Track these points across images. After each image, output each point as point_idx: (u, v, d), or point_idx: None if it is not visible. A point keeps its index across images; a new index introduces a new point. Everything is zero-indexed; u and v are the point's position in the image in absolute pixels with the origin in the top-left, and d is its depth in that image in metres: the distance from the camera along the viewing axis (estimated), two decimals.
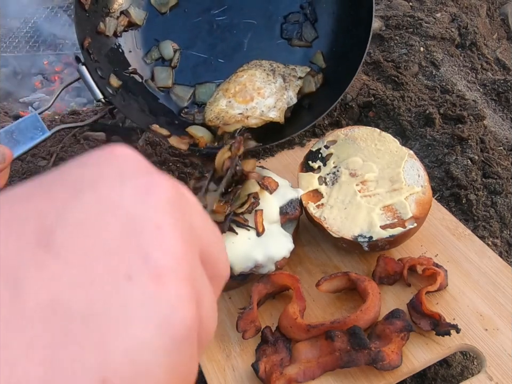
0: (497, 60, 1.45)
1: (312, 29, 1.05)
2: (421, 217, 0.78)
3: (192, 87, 1.03)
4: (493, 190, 0.98)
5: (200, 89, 1.03)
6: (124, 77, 0.99)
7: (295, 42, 1.05)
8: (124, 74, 1.00)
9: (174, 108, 1.03)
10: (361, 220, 0.78)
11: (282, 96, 0.90)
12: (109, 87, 0.93)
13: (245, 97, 0.90)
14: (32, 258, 0.21)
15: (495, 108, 1.29)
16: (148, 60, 1.03)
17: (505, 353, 0.68)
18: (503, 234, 0.93)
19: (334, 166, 0.85)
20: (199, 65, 1.05)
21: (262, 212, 0.76)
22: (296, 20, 1.05)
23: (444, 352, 0.68)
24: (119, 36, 1.02)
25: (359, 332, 0.65)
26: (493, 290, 0.75)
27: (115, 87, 0.95)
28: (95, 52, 0.95)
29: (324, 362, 0.66)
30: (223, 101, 0.92)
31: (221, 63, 1.05)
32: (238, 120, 0.89)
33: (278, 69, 0.92)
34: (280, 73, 0.91)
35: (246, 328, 0.71)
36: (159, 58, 1.04)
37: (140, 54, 1.04)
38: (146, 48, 1.04)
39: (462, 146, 1.06)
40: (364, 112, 1.17)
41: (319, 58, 1.03)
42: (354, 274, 0.74)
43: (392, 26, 1.43)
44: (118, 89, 0.96)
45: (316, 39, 1.05)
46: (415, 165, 0.83)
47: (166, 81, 1.02)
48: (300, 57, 1.05)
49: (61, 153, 1.09)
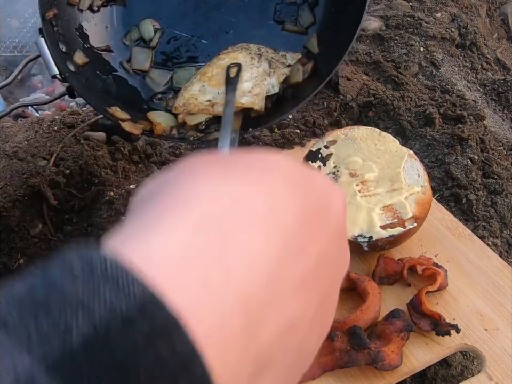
0: (497, 60, 1.45)
1: (310, 13, 0.92)
2: (421, 217, 0.78)
3: (170, 70, 0.93)
4: (493, 190, 0.98)
5: (179, 73, 0.93)
6: (93, 55, 0.89)
7: (288, 27, 0.92)
8: (93, 52, 0.90)
9: (146, 92, 0.92)
10: (361, 219, 0.78)
11: (262, 82, 0.80)
12: (72, 63, 0.85)
13: (219, 80, 0.81)
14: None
15: (495, 107, 1.29)
16: (127, 41, 0.93)
17: (505, 353, 0.68)
18: (503, 234, 0.93)
19: (334, 166, 0.85)
20: (181, 46, 0.95)
21: None
22: (293, 1, 0.93)
23: (444, 352, 0.68)
24: (96, 10, 0.91)
25: (359, 331, 0.65)
26: (493, 290, 0.75)
27: (79, 64, 0.86)
28: (61, 25, 0.85)
29: (324, 362, 0.65)
30: (197, 85, 0.83)
31: (204, 44, 0.94)
32: (203, 109, 0.80)
33: (266, 54, 0.82)
34: (268, 58, 0.81)
35: None
36: (139, 39, 0.94)
37: (118, 31, 0.93)
38: (125, 28, 0.94)
39: (462, 146, 1.06)
40: (363, 112, 1.17)
41: (313, 43, 0.91)
42: (354, 274, 0.74)
43: (392, 26, 1.43)
44: (83, 67, 0.86)
45: (312, 25, 0.92)
46: (415, 165, 0.83)
47: (142, 64, 0.92)
48: (293, 42, 0.92)
49: (61, 153, 1.09)
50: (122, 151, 1.08)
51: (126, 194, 1.00)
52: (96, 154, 1.05)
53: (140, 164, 1.08)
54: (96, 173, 1.02)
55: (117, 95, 0.89)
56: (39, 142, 1.15)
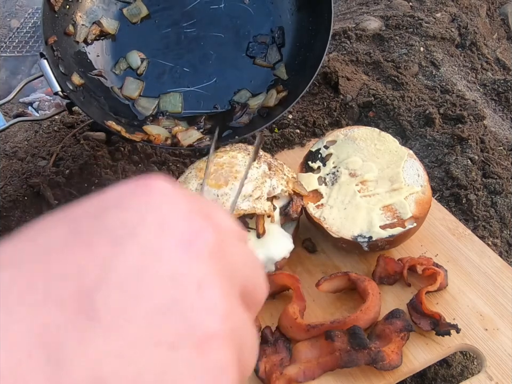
0: (497, 60, 1.45)
1: (277, 52, 1.06)
2: (421, 217, 0.78)
3: (156, 98, 1.03)
4: (493, 190, 0.98)
5: (164, 98, 1.03)
6: (88, 78, 0.99)
7: (259, 61, 1.05)
8: (88, 75, 1.00)
9: (138, 114, 1.03)
10: (361, 220, 0.78)
11: (263, 184, 0.77)
12: (70, 83, 0.93)
13: (218, 180, 0.76)
14: (73, 329, 0.20)
15: (495, 107, 1.29)
16: (116, 71, 1.04)
17: (505, 353, 0.68)
18: (503, 234, 0.93)
19: (333, 166, 0.85)
20: (165, 73, 1.06)
21: (263, 215, 0.76)
22: (264, 41, 1.06)
23: (444, 352, 0.68)
24: (89, 43, 1.02)
25: (359, 331, 0.65)
26: (493, 290, 0.75)
27: (76, 84, 0.95)
28: (60, 51, 0.95)
29: (324, 362, 0.65)
30: (194, 182, 0.79)
31: (187, 72, 1.05)
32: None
33: (265, 157, 0.83)
34: (266, 161, 0.81)
35: None
36: (127, 68, 1.04)
37: (108, 61, 1.04)
38: (114, 59, 1.05)
39: (462, 146, 1.06)
40: (363, 112, 1.17)
41: (282, 72, 1.04)
42: (354, 274, 0.74)
43: (392, 26, 1.43)
44: (80, 87, 0.95)
45: (279, 61, 1.06)
46: (415, 164, 0.83)
47: (132, 93, 1.02)
48: (265, 71, 1.06)
49: (61, 153, 1.09)
50: (122, 151, 1.08)
51: None
52: (96, 154, 1.05)
53: (139, 164, 1.08)
54: (96, 173, 1.02)
55: (112, 112, 0.98)
56: (39, 142, 1.15)
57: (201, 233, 0.24)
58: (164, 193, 0.25)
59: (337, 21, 1.53)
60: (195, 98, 1.04)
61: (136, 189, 0.25)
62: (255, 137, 1.05)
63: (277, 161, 0.84)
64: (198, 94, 1.05)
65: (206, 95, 1.04)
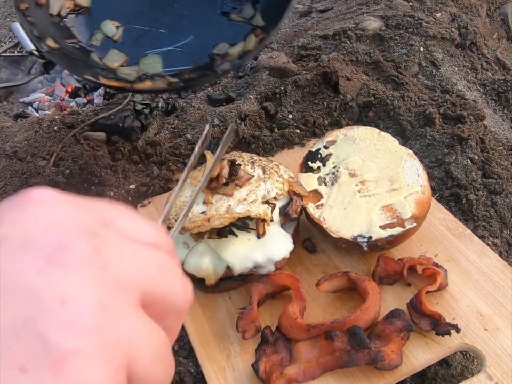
0: (497, 60, 1.45)
1: (252, 8, 1.07)
2: (421, 217, 0.78)
3: (136, 64, 1.02)
4: (493, 190, 0.98)
5: (143, 61, 1.02)
6: (63, 44, 0.98)
7: (234, 17, 1.07)
8: (64, 42, 0.99)
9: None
10: (361, 219, 0.78)
11: (257, 188, 0.77)
12: (45, 45, 0.93)
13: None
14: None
15: (495, 108, 1.29)
16: (94, 42, 1.03)
17: (505, 353, 0.68)
18: (503, 234, 0.93)
19: (333, 166, 0.85)
20: (142, 37, 1.06)
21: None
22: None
23: (444, 352, 0.68)
24: (64, 17, 1.02)
25: (359, 331, 0.65)
26: (493, 290, 0.75)
27: (52, 48, 0.94)
28: (33, 17, 0.95)
29: (324, 362, 0.65)
30: (188, 191, 0.78)
31: (163, 33, 1.06)
32: (198, 226, 0.73)
33: (259, 162, 0.82)
34: (261, 165, 0.81)
35: (246, 328, 0.71)
36: (104, 38, 1.04)
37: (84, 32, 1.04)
38: (90, 31, 1.04)
39: (462, 146, 1.06)
40: (364, 112, 1.17)
41: (258, 19, 1.05)
42: (354, 274, 0.74)
43: (392, 26, 1.43)
44: (55, 50, 0.95)
45: (253, 16, 1.06)
46: (415, 164, 0.83)
47: (112, 63, 1.01)
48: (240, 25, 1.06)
49: (61, 153, 1.09)
50: (122, 151, 1.08)
51: (126, 194, 1.00)
52: (96, 154, 1.05)
53: (139, 164, 1.08)
54: (96, 173, 1.02)
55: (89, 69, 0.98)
56: (39, 142, 1.15)
57: (70, 244, 0.23)
58: (42, 205, 0.24)
59: (337, 21, 1.53)
60: (175, 57, 1.04)
61: (12, 203, 0.24)
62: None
63: (272, 163, 0.84)
64: (177, 52, 1.06)
65: (186, 52, 1.05)
